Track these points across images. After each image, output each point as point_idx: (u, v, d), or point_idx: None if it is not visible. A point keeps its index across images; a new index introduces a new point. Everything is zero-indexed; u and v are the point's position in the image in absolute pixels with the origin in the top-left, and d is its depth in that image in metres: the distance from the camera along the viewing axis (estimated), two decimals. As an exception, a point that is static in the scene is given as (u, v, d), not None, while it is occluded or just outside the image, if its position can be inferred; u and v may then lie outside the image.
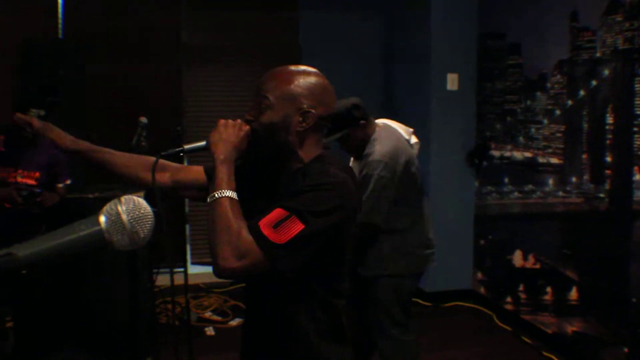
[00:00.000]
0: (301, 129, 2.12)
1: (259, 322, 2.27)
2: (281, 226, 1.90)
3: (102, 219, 1.55)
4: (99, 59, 6.96)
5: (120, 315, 5.16)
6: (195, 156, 5.85)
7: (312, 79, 2.18)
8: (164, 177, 2.42)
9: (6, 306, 5.07)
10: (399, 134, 4.30)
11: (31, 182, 4.90)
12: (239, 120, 2.16)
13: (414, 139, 4.39)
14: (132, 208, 1.58)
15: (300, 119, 2.11)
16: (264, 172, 2.26)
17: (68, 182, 5.19)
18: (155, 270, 5.62)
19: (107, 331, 5.18)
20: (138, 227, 1.58)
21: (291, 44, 7.70)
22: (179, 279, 6.19)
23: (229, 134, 2.11)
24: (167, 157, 2.20)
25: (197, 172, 2.43)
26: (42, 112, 4.82)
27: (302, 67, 2.22)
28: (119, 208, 1.57)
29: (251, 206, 2.02)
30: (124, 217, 1.56)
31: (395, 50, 7.70)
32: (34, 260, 1.48)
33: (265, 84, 2.16)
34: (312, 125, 2.13)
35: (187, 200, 6.67)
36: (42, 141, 4.98)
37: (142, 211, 1.60)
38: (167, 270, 6.65)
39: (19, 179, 4.87)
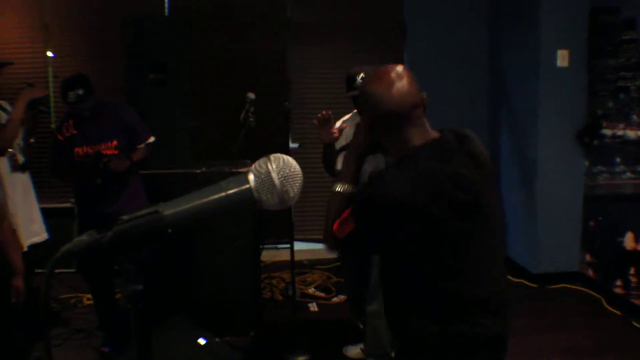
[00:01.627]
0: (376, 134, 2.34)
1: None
2: (344, 223, 2.21)
3: (251, 177, 1.53)
4: (204, 36, 7.05)
5: (230, 289, 5.24)
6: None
7: (364, 92, 2.38)
8: None
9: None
10: None
11: (112, 151, 4.94)
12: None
13: None
14: (282, 166, 1.56)
15: (384, 130, 2.31)
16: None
17: (151, 139, 5.13)
18: (260, 247, 5.67)
19: (215, 304, 5.27)
20: (288, 185, 1.55)
21: (395, 21, 7.63)
22: (282, 256, 6.27)
23: (362, 136, 2.41)
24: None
25: None
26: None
27: (387, 74, 2.35)
28: (269, 166, 1.54)
29: None
30: (274, 175, 1.53)
31: (503, 26, 7.53)
32: (180, 218, 1.47)
33: (361, 96, 2.41)
34: (377, 131, 2.31)
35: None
36: (113, 108, 5.07)
37: (291, 170, 1.57)
38: (273, 246, 6.76)
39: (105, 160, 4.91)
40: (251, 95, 4.84)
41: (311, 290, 6.52)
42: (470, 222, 2.20)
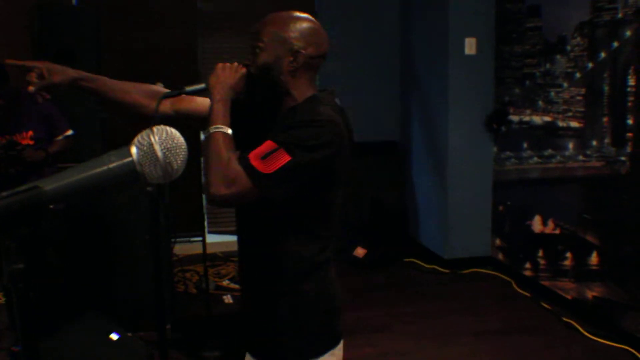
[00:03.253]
0: (292, 69, 2.24)
1: (249, 253, 2.40)
2: (269, 157, 2.04)
3: (134, 150, 1.50)
4: (114, 26, 6.93)
5: (141, 283, 5.17)
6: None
7: (303, 23, 2.28)
8: (164, 106, 2.41)
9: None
10: None
11: (27, 142, 4.84)
12: (235, 63, 2.29)
13: None
14: (165, 138, 1.53)
15: (291, 58, 2.23)
16: (260, 111, 2.38)
17: (69, 132, 5.06)
18: (173, 240, 5.61)
19: (127, 299, 5.20)
20: (172, 157, 1.52)
21: (307, 9, 7.60)
22: (196, 249, 6.21)
23: (226, 75, 2.25)
24: (168, 98, 2.33)
25: (201, 103, 2.48)
26: None
27: (295, 13, 2.31)
28: (152, 138, 1.51)
29: (249, 144, 2.13)
30: (157, 147, 1.50)
31: (413, 14, 7.60)
32: (61, 193, 1.43)
33: (260, 28, 2.28)
34: (303, 64, 2.25)
35: (203, 170, 6.66)
36: (22, 100, 4.96)
37: (175, 141, 1.54)
38: (186, 239, 6.69)
39: (18, 148, 4.80)
40: (160, 85, 4.78)
41: (225, 282, 6.48)
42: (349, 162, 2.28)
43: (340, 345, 2.38)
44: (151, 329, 4.71)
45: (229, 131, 2.12)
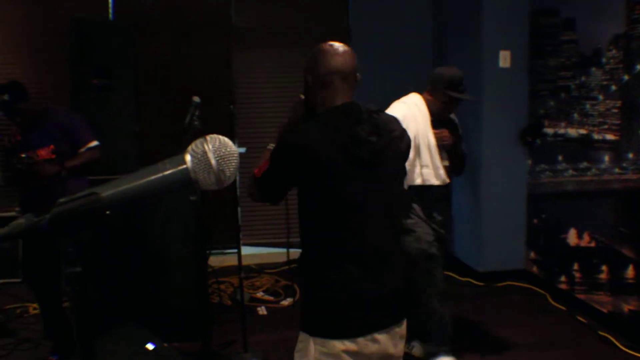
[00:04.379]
0: (308, 92, 2.73)
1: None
2: (263, 166, 2.61)
3: (188, 157, 1.54)
4: (150, 41, 7.03)
5: (177, 295, 5.22)
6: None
7: (312, 55, 2.73)
8: None
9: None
10: None
11: (49, 156, 4.92)
12: (299, 98, 2.82)
13: None
14: (218, 146, 1.57)
15: (312, 86, 2.70)
16: None
17: (93, 144, 5.06)
18: (208, 252, 5.65)
19: (163, 311, 5.24)
20: (225, 165, 1.57)
21: (340, 24, 7.67)
22: (230, 261, 6.25)
23: (296, 110, 2.83)
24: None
25: None
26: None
27: (322, 45, 2.76)
28: (205, 147, 1.56)
29: None
30: (210, 155, 1.55)
31: (447, 28, 7.62)
32: (118, 199, 1.47)
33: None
34: (316, 87, 2.68)
35: (237, 183, 6.73)
36: (51, 113, 5.03)
37: (228, 149, 1.58)
38: (220, 251, 6.74)
39: (26, 162, 4.89)
40: (196, 99, 4.82)
41: (260, 294, 6.52)
42: (361, 173, 2.57)
43: (356, 341, 2.55)
44: (186, 339, 4.77)
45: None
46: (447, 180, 4.78)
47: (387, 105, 7.60)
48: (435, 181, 4.72)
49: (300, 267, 2.72)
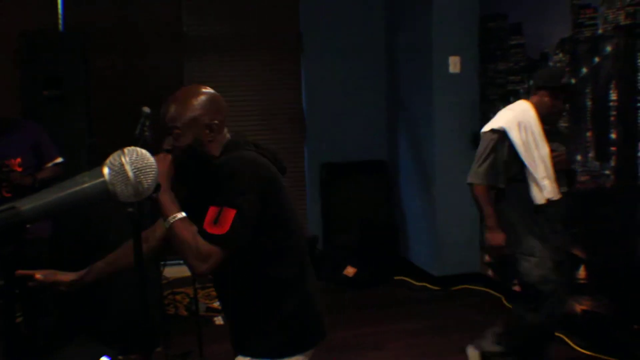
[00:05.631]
0: (211, 138, 2.55)
1: (227, 297, 2.75)
2: (219, 220, 2.34)
3: (106, 170, 1.56)
4: (100, 51, 6.98)
5: (131, 306, 5.17)
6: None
7: (202, 98, 2.58)
8: (153, 243, 2.80)
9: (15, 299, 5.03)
10: None
11: (15, 168, 4.87)
12: (162, 154, 2.48)
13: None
14: (135, 159, 1.59)
15: (207, 131, 2.54)
16: (199, 183, 2.61)
17: (59, 159, 5.11)
18: (162, 263, 5.62)
19: (117, 322, 5.20)
20: (142, 177, 1.58)
21: (291, 31, 7.69)
22: (186, 271, 6.22)
23: (160, 167, 2.33)
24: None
25: (160, 224, 2.71)
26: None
27: (191, 90, 2.62)
28: (122, 159, 1.57)
29: (204, 212, 2.40)
30: (128, 167, 1.56)
31: (397, 34, 7.67)
32: (37, 213, 1.47)
33: (168, 116, 2.53)
34: (217, 131, 2.57)
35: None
36: (20, 126, 5.02)
37: (145, 161, 1.60)
38: (176, 262, 6.69)
39: (5, 170, 4.84)
40: (146, 110, 4.75)
41: (216, 304, 6.49)
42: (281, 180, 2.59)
43: (299, 357, 2.62)
44: (142, 351, 4.73)
45: (183, 214, 2.40)
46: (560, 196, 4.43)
47: (345, 109, 7.69)
48: (555, 196, 4.38)
49: (241, 298, 2.63)
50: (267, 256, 2.54)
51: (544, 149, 4.33)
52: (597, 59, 5.03)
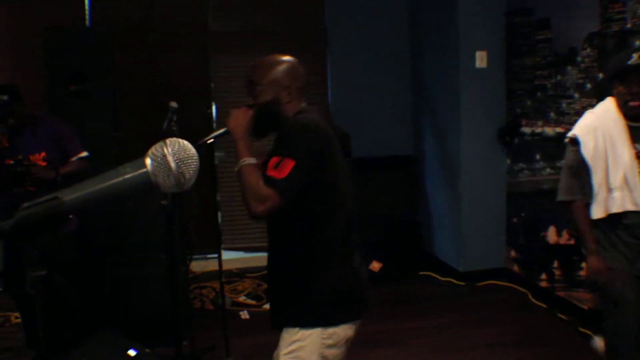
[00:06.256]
0: (289, 100, 2.83)
1: (273, 250, 2.93)
2: (279, 166, 2.61)
3: (148, 161, 1.56)
4: (126, 47, 7.01)
5: (158, 300, 5.20)
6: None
7: (285, 64, 2.88)
8: None
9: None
10: None
11: (40, 163, 4.91)
12: (244, 107, 2.85)
13: None
14: (177, 149, 1.59)
15: (286, 93, 2.82)
16: (272, 137, 2.87)
17: (83, 154, 5.11)
18: (189, 257, 5.65)
19: (144, 316, 5.23)
20: (184, 168, 1.59)
21: (317, 26, 7.68)
22: (212, 266, 6.25)
23: (240, 118, 2.81)
24: (199, 147, 2.61)
25: None
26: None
27: (277, 56, 2.91)
28: (165, 150, 1.58)
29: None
30: (170, 158, 1.57)
31: (423, 29, 7.65)
32: (80, 203, 1.48)
33: (254, 74, 2.86)
34: (295, 94, 2.84)
35: (218, 188, 6.73)
36: (42, 121, 5.06)
37: (187, 152, 1.61)
38: (202, 256, 6.73)
39: (25, 163, 4.88)
40: (173, 104, 4.81)
41: (242, 298, 6.51)
42: (345, 167, 2.86)
43: (338, 328, 2.77)
44: (169, 345, 4.76)
45: (254, 161, 2.70)
46: None
47: (371, 104, 7.68)
48: (630, 206, 3.76)
49: (290, 263, 2.82)
50: (315, 218, 2.76)
51: (625, 154, 3.75)
52: (625, 54, 4.98)
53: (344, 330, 2.79)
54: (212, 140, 3.03)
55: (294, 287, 2.80)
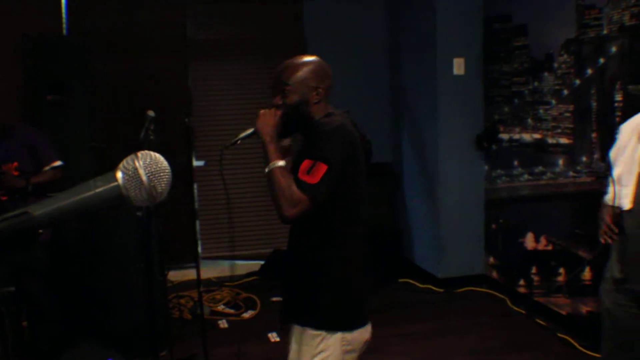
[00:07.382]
0: (317, 100, 2.85)
1: (296, 250, 2.96)
2: (312, 171, 2.65)
3: (119, 174, 1.55)
4: (104, 55, 6.96)
5: (136, 310, 5.17)
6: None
7: (313, 64, 2.90)
8: None
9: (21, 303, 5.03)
10: None
11: (12, 172, 4.89)
12: (273, 109, 2.84)
13: None
14: (149, 163, 1.58)
15: (314, 94, 2.84)
16: (300, 138, 2.94)
17: (57, 163, 5.10)
18: (167, 266, 5.61)
19: (122, 326, 5.20)
20: (156, 181, 1.58)
21: (296, 35, 7.67)
22: (191, 275, 6.22)
23: (268, 119, 2.81)
24: (227, 147, 2.93)
25: None
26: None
27: (305, 57, 2.93)
28: (136, 163, 1.57)
29: (299, 164, 2.73)
30: (142, 171, 1.55)
31: (401, 37, 7.67)
32: (50, 218, 1.46)
33: (282, 75, 2.85)
34: (323, 95, 2.87)
35: (197, 196, 6.72)
36: (16, 130, 5.05)
37: (159, 165, 1.59)
38: (179, 265, 6.69)
39: None
40: (151, 113, 4.79)
41: (220, 307, 6.48)
42: (364, 172, 2.93)
43: (355, 333, 2.91)
44: (147, 355, 4.73)
45: (283, 163, 2.73)
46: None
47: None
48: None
49: (313, 264, 2.85)
50: (340, 219, 2.82)
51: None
52: (602, 60, 5.02)
53: (361, 334, 2.92)
54: (239, 140, 2.94)
55: (316, 288, 2.85)
